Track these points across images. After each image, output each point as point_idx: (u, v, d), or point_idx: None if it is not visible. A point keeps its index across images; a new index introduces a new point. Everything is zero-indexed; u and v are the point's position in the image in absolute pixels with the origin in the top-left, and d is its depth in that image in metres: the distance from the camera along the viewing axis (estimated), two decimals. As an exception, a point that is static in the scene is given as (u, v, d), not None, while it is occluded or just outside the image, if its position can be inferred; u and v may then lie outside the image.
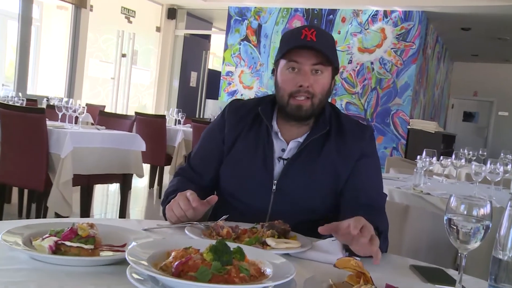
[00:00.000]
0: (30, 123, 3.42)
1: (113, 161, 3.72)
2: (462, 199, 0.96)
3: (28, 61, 7.13)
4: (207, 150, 1.58)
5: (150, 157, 5.32)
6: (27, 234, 1.03)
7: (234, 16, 8.64)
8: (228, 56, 8.72)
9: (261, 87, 8.39)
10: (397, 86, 7.57)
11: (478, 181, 2.76)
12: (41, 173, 3.41)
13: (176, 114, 6.38)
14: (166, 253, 0.93)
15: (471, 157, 4.31)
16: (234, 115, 1.56)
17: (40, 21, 7.75)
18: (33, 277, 0.87)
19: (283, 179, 1.46)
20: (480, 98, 12.75)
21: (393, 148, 7.53)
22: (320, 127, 1.50)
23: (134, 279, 0.83)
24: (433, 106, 10.30)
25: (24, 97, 4.88)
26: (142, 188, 6.36)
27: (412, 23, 7.47)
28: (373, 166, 1.51)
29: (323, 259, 1.16)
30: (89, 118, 5.24)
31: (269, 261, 0.95)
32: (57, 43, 8.00)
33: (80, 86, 8.01)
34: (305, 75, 1.43)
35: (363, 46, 7.71)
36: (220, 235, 1.21)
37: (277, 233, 1.24)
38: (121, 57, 8.89)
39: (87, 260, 0.96)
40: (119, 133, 3.88)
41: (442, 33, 9.16)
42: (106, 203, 5.55)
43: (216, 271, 0.83)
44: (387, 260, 1.28)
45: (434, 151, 3.04)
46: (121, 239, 1.08)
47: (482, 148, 4.70)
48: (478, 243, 0.95)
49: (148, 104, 9.97)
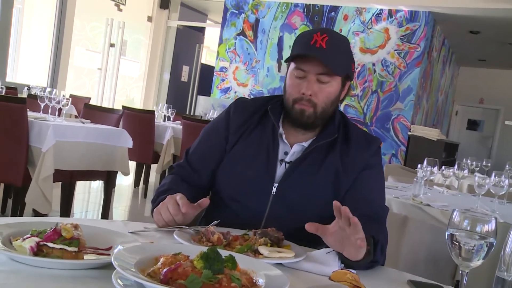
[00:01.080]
0: (9, 113, 3.39)
1: (98, 157, 3.71)
2: (466, 214, 0.97)
3: (8, 46, 7.06)
4: (208, 147, 1.59)
5: (137, 154, 5.31)
6: (6, 233, 1.03)
7: (231, 9, 8.65)
8: (222, 51, 8.72)
9: (256, 85, 8.39)
10: (399, 89, 7.60)
11: (481, 193, 2.77)
12: (20, 167, 3.39)
13: (166, 110, 6.37)
14: (154, 259, 0.94)
15: (474, 168, 4.34)
16: (240, 114, 1.58)
17: (22, 4, 7.68)
18: (11, 280, 0.87)
19: (284, 183, 1.48)
20: (486, 105, 12.81)
21: (392, 155, 7.56)
22: (328, 134, 1.52)
23: (120, 285, 0.83)
24: (436, 112, 10.36)
25: (3, 85, 4.85)
26: (126, 186, 6.34)
27: (418, 24, 7.51)
28: (376, 178, 1.53)
29: (318, 271, 1.17)
30: (73, 110, 5.23)
31: (261, 271, 0.95)
32: (40, 28, 7.95)
33: (64, 76, 7.98)
34: (309, 83, 1.45)
35: (365, 46, 7.74)
36: (210, 241, 1.21)
37: (270, 241, 1.25)
38: (109, 47, 8.87)
39: (71, 263, 0.96)
40: (105, 128, 3.87)
41: (449, 35, 9.21)
42: (88, 201, 5.53)
43: (207, 279, 0.84)
44: (384, 274, 1.30)
45: (436, 160, 3.06)
46: (106, 242, 1.09)
47: (486, 158, 4.73)
48: (480, 261, 0.96)
49: (136, 98, 9.95)
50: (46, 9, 7.89)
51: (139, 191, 6.13)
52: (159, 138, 5.59)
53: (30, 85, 5.93)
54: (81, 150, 3.60)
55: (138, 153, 5.31)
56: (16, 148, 3.41)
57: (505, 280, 0.80)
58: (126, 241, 1.09)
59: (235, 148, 1.54)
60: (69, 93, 6.47)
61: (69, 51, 7.98)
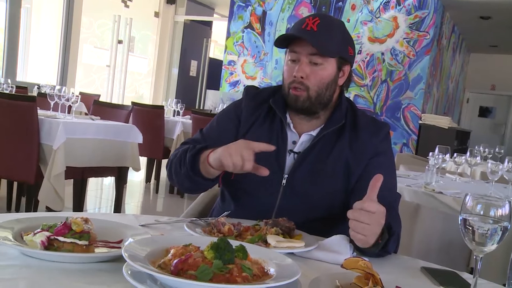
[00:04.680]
0: (20, 112, 3.42)
1: (108, 153, 3.72)
2: (479, 198, 0.96)
3: (17, 45, 7.10)
4: (222, 129, 1.58)
5: (148, 150, 5.33)
6: (17, 228, 1.03)
7: (238, 2, 8.61)
8: (230, 44, 8.69)
9: (265, 78, 8.37)
10: (409, 78, 7.54)
11: (494, 180, 2.75)
12: (32, 165, 3.41)
13: (175, 105, 6.38)
14: (165, 250, 0.93)
15: (486, 155, 4.30)
16: (252, 102, 1.58)
17: (31, 3, 7.71)
18: (23, 274, 0.87)
19: (294, 174, 1.47)
20: (498, 92, 12.67)
21: (404, 144, 7.51)
22: (335, 121, 1.51)
23: (131, 277, 0.83)
24: (447, 100, 10.27)
25: (13, 84, 4.88)
26: (138, 182, 6.37)
27: (426, 11, 7.44)
28: (386, 165, 1.51)
29: (330, 259, 1.16)
30: (83, 107, 5.24)
31: (273, 261, 0.95)
32: (48, 26, 7.98)
33: (74, 74, 8.01)
34: (300, 65, 1.45)
35: (374, 35, 7.68)
36: (221, 232, 1.21)
37: (281, 231, 1.24)
38: (117, 44, 8.89)
39: (81, 256, 0.96)
40: (114, 124, 3.88)
41: (458, 22, 9.11)
42: (100, 197, 5.56)
43: (218, 270, 0.83)
44: (397, 261, 1.29)
45: (448, 147, 3.04)
46: (117, 235, 1.09)
47: (498, 145, 4.68)
48: (495, 246, 0.95)
49: (146, 94, 9.97)
50: (54, 7, 7.92)
51: (151, 187, 6.15)
52: (169, 133, 5.59)
53: (40, 84, 5.96)
54: (92, 146, 3.61)
55: (149, 149, 5.32)
56: (27, 146, 3.43)
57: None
58: (137, 233, 1.09)
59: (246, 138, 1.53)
60: (78, 91, 6.49)
61: (77, 49, 8.01)
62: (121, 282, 0.85)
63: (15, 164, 3.52)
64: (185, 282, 0.81)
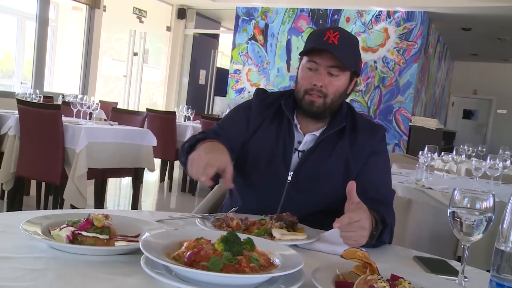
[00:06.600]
0: (47, 119, 3.43)
1: (126, 155, 3.73)
2: (466, 192, 0.95)
3: (45, 60, 7.16)
4: (236, 121, 1.56)
5: (161, 152, 5.33)
6: (45, 224, 1.03)
7: (242, 16, 8.62)
8: (236, 54, 8.70)
9: (268, 85, 8.36)
10: (400, 84, 7.52)
11: (478, 176, 2.74)
12: (58, 167, 3.43)
13: (186, 111, 6.38)
14: (179, 244, 0.93)
15: (470, 153, 4.28)
16: (261, 102, 1.57)
17: (56, 22, 7.76)
18: (52, 265, 0.88)
19: (299, 171, 1.46)
20: (480, 96, 12.66)
21: (396, 144, 7.49)
22: (337, 123, 1.50)
23: (148, 268, 0.83)
24: (434, 104, 10.24)
25: (41, 94, 4.90)
26: (153, 181, 6.37)
27: (414, 23, 7.42)
28: (382, 164, 1.51)
29: (331, 250, 1.15)
30: (102, 114, 5.25)
31: (278, 252, 0.94)
32: (72, 42, 8.02)
33: (94, 84, 8.03)
34: (320, 75, 1.43)
35: (367, 45, 7.67)
36: (230, 227, 1.21)
37: (285, 225, 1.24)
38: (133, 56, 8.90)
39: (103, 249, 0.96)
40: (131, 129, 3.89)
41: (443, 33, 9.09)
42: (119, 195, 5.57)
43: (227, 261, 0.83)
44: (391, 251, 1.29)
45: (436, 147, 3.02)
46: (134, 230, 1.08)
47: (481, 144, 4.67)
48: (480, 235, 0.94)
49: (159, 101, 9.98)
50: (77, 25, 7.96)
51: (165, 186, 6.15)
52: (181, 136, 5.60)
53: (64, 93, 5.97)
54: (111, 149, 3.62)
55: (162, 151, 5.33)
56: (53, 150, 3.44)
57: (503, 251, 0.79)
58: (153, 228, 1.09)
59: (255, 137, 1.51)
60: (98, 99, 6.50)
61: (97, 61, 8.03)
62: (139, 273, 0.85)
63: (43, 166, 3.53)
64: (197, 272, 0.80)
